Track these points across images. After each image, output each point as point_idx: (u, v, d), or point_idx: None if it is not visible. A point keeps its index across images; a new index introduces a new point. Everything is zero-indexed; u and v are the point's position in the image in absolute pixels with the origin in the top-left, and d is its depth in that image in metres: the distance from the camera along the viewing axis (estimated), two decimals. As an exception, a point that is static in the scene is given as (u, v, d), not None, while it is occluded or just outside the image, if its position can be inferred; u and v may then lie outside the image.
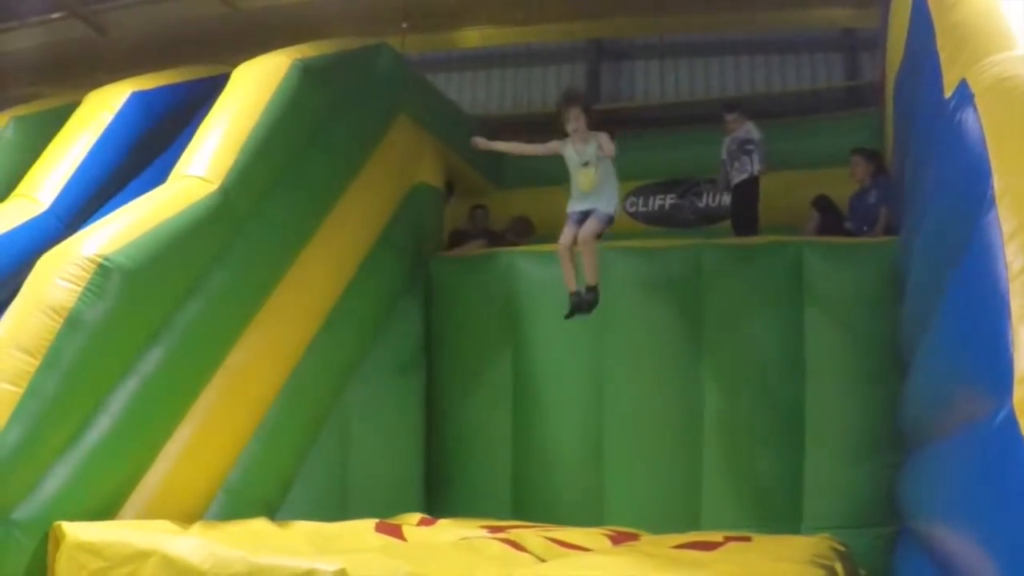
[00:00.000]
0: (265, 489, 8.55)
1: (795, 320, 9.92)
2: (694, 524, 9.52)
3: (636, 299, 10.33)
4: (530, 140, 13.79)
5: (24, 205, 9.18)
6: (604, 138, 9.09)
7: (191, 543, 6.32)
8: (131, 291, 7.22)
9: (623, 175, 13.23)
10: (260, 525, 7.59)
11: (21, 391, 6.67)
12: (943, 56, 5.93)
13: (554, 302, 10.51)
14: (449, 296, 11.11)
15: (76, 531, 6.48)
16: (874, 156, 10.90)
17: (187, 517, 7.32)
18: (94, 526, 6.60)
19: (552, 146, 9.43)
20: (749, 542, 7.91)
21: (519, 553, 7.08)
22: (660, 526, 9.11)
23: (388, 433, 10.15)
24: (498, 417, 10.18)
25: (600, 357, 10.33)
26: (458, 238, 12.26)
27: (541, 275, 10.71)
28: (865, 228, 10.60)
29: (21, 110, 10.69)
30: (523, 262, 10.94)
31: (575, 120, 9.13)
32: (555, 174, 13.39)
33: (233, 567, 6.06)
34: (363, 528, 7.95)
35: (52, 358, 6.80)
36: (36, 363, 6.76)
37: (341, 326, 9.53)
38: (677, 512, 9.80)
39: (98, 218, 8.22)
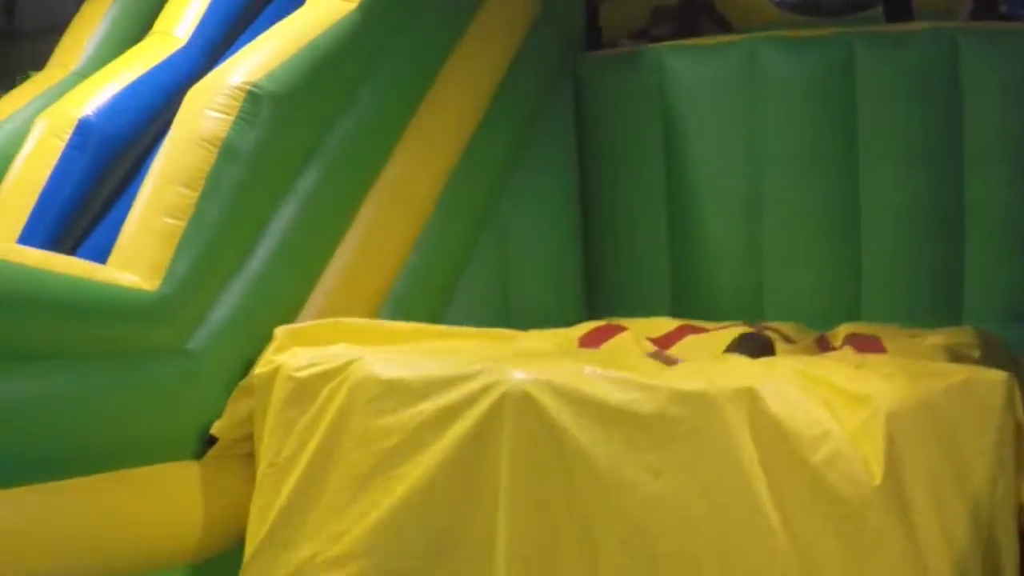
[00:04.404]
0: (429, 301, 8.63)
1: (953, 108, 9.52)
2: (853, 318, 9.38)
3: (786, 91, 9.98)
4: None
5: (163, 41, 9.10)
6: None
7: (396, 358, 6.22)
8: (282, 116, 7.23)
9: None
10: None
11: (184, 224, 6.76)
12: None
13: (706, 98, 10.30)
14: (599, 95, 10.72)
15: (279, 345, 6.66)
16: (1036, -68, 10.42)
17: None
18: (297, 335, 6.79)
19: None
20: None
21: None
22: (819, 320, 9.03)
23: (544, 238, 10.11)
24: (654, 216, 10.02)
25: (754, 150, 10.04)
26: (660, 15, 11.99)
27: (692, 70, 10.41)
28: (1022, 11, 10.21)
29: (150, -51, 10.60)
30: (673, 57, 10.54)
31: None
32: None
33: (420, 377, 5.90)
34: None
35: (210, 189, 6.87)
36: (195, 195, 6.83)
37: (492, 131, 9.41)
38: (836, 306, 9.66)
39: (238, 48, 8.15)
